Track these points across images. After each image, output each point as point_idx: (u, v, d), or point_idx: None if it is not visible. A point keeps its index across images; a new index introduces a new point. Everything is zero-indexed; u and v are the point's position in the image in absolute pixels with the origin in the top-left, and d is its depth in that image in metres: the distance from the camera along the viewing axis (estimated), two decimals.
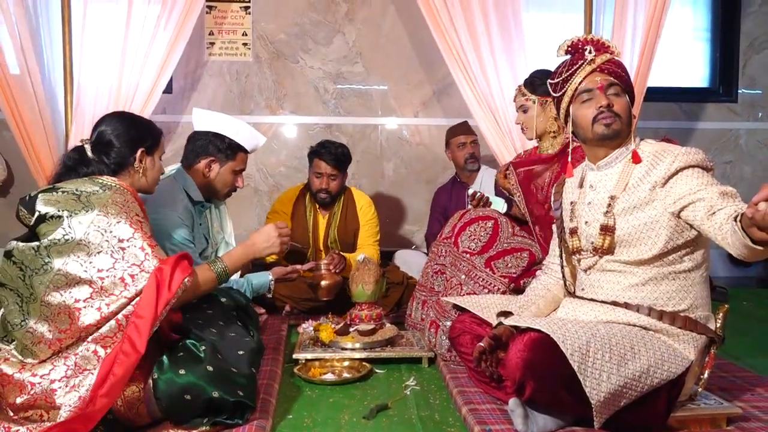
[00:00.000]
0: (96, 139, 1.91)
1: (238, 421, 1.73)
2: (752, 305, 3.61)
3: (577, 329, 1.62)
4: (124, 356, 1.58)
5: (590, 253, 1.83)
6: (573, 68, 1.82)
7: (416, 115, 4.37)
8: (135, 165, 1.91)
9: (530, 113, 2.54)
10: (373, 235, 3.44)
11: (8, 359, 1.63)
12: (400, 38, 4.31)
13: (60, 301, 1.63)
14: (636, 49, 3.61)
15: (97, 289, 1.64)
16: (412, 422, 1.89)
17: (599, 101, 1.77)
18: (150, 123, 2.04)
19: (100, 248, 1.66)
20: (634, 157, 1.78)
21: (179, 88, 4.20)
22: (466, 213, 2.68)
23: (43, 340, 1.62)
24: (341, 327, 2.50)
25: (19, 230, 1.81)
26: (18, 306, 1.66)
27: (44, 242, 1.66)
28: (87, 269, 1.64)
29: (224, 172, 2.53)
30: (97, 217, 1.69)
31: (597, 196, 1.84)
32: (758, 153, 4.57)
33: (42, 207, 1.69)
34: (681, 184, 1.68)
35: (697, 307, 1.75)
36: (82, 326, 1.61)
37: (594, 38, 1.85)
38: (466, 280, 2.42)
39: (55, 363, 1.61)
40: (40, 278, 1.64)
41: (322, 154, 3.26)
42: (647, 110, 4.16)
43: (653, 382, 1.64)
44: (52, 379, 1.60)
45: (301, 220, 3.36)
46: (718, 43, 4.57)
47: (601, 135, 1.79)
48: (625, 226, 1.75)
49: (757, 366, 2.40)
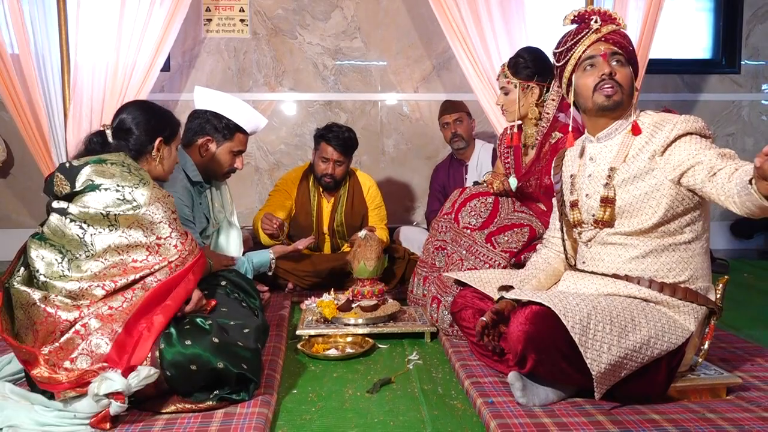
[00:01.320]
0: (117, 126, 1.98)
1: (244, 396, 1.75)
2: (753, 277, 3.62)
3: (578, 302, 1.63)
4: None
5: (591, 226, 1.83)
6: (578, 37, 1.80)
7: (416, 90, 4.34)
8: (153, 153, 1.99)
9: (511, 96, 2.50)
10: (383, 218, 3.44)
11: (59, 305, 1.67)
12: (399, 13, 4.26)
13: (118, 259, 1.72)
14: (638, 20, 3.56)
15: (154, 252, 1.76)
16: (416, 396, 1.92)
17: (602, 69, 1.76)
18: (169, 114, 2.10)
19: (161, 219, 1.77)
20: (634, 129, 1.77)
21: (177, 66, 4.17)
22: (465, 189, 2.67)
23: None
24: (344, 303, 2.51)
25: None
26: (58, 261, 1.70)
27: (112, 210, 1.73)
28: (148, 236, 1.75)
29: (221, 152, 2.51)
30: (153, 189, 1.79)
31: (597, 168, 1.83)
32: (761, 124, 4.54)
33: (96, 177, 1.75)
34: (679, 150, 1.68)
35: (697, 278, 1.76)
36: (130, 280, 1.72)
37: (601, 9, 1.84)
38: (467, 256, 2.43)
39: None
40: (103, 238, 1.72)
41: (329, 139, 3.19)
42: (649, 82, 4.13)
43: (653, 353, 1.65)
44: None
45: (305, 204, 3.32)
46: (721, 14, 4.50)
47: (600, 105, 1.78)
48: (625, 196, 1.75)
49: (757, 337, 2.41)
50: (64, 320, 1.65)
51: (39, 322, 1.66)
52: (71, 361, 1.63)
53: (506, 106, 2.52)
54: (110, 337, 1.65)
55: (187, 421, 1.66)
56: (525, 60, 2.47)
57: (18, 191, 4.15)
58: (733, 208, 1.56)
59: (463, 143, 3.70)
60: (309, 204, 3.32)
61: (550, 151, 2.43)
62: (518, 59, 2.49)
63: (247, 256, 2.67)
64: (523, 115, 2.50)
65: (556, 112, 2.46)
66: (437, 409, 1.82)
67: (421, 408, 1.82)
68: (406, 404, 1.85)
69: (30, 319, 1.66)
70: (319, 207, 3.33)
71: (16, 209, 4.15)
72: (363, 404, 1.85)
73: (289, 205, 3.33)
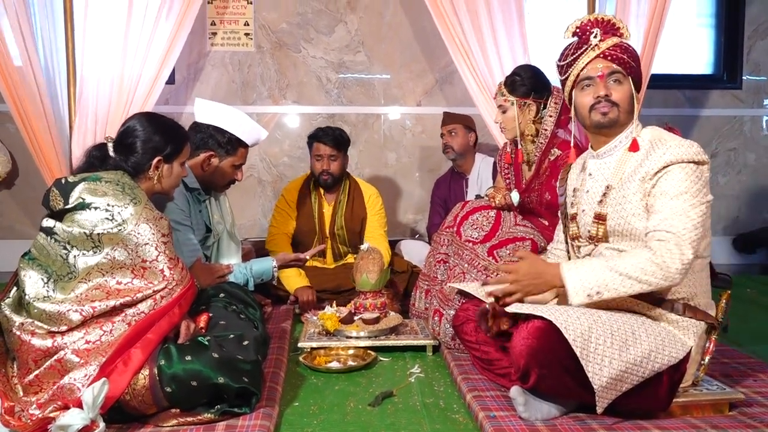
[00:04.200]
0: (118, 140, 1.94)
1: (246, 409, 1.75)
2: (755, 292, 3.61)
3: (578, 315, 1.64)
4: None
5: (586, 241, 1.84)
6: (577, 53, 1.80)
7: (419, 104, 4.36)
8: (150, 172, 1.93)
9: (509, 114, 2.51)
10: (382, 226, 3.45)
11: (34, 332, 1.64)
12: (402, 27, 4.29)
13: (102, 280, 1.69)
14: (640, 36, 3.59)
15: (139, 275, 1.71)
16: (417, 409, 1.91)
17: (597, 90, 1.77)
18: (175, 129, 2.02)
19: (148, 240, 1.72)
20: (633, 146, 1.77)
21: (182, 79, 4.20)
22: (468, 202, 2.68)
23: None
24: (346, 316, 2.51)
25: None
26: (43, 282, 1.68)
27: (97, 229, 1.70)
28: (133, 258, 1.71)
29: (224, 167, 2.52)
30: (144, 209, 1.75)
31: (594, 185, 1.84)
32: (763, 140, 4.55)
33: (87, 196, 1.73)
34: (663, 183, 1.69)
35: (696, 294, 1.76)
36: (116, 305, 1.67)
37: (603, 19, 1.82)
38: (468, 269, 2.43)
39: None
40: (86, 259, 1.69)
41: (320, 137, 3.29)
42: (651, 97, 4.15)
43: (654, 367, 1.65)
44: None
45: (306, 208, 3.38)
46: (723, 29, 4.53)
47: (596, 123, 1.79)
48: (614, 216, 1.76)
49: (760, 352, 2.40)
50: (37, 348, 1.62)
51: (16, 349, 1.65)
52: (40, 407, 1.57)
53: (504, 124, 2.54)
54: (84, 382, 1.59)
55: None
56: (521, 78, 2.49)
57: (22, 202, 4.16)
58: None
59: (453, 155, 3.70)
60: (310, 207, 3.38)
61: (550, 167, 2.44)
62: (515, 77, 2.51)
63: (247, 264, 2.63)
64: (521, 132, 2.51)
65: (555, 128, 2.48)
66: (439, 422, 1.82)
67: (422, 421, 1.82)
68: (408, 417, 1.85)
69: (12, 344, 1.66)
70: (320, 210, 3.37)
71: (20, 220, 4.16)
72: (365, 417, 1.85)
73: (294, 217, 3.38)
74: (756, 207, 4.54)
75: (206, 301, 2.07)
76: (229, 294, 2.17)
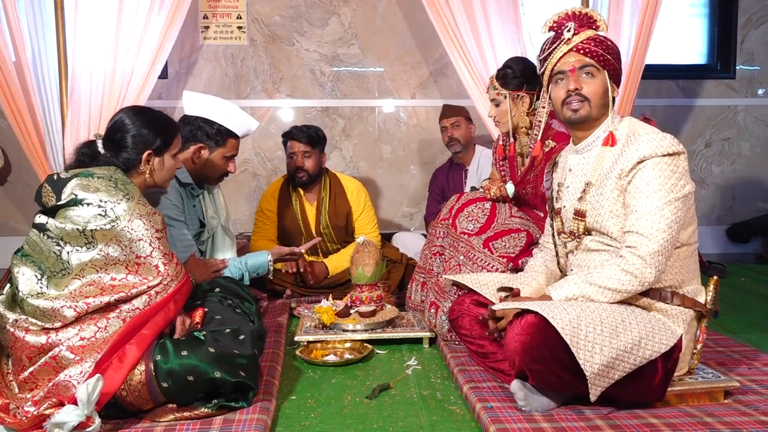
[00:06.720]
0: (107, 136, 1.92)
1: (243, 404, 1.75)
2: (750, 281, 3.63)
3: (566, 306, 1.66)
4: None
5: (569, 237, 1.85)
6: (551, 47, 1.81)
7: (413, 96, 4.35)
8: (141, 167, 1.91)
9: (502, 107, 2.50)
10: (371, 221, 3.43)
11: (28, 328, 1.63)
12: (396, 19, 4.28)
13: (96, 276, 1.68)
14: (634, 26, 3.58)
15: (133, 271, 1.71)
16: (414, 401, 1.92)
17: (568, 84, 1.78)
18: (165, 122, 2.00)
19: (141, 236, 1.72)
20: (608, 140, 1.77)
21: (174, 73, 4.18)
22: (463, 194, 2.68)
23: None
24: (342, 309, 2.52)
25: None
26: (37, 278, 1.67)
27: (90, 226, 1.69)
28: (127, 254, 1.70)
29: (214, 158, 2.50)
30: (137, 205, 1.74)
31: (574, 181, 1.85)
32: (756, 129, 4.56)
33: (79, 192, 1.72)
34: (637, 180, 1.69)
35: (684, 282, 1.77)
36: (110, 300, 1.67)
37: (578, 12, 1.81)
38: (464, 261, 2.43)
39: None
40: (80, 255, 1.68)
41: (293, 135, 3.27)
42: (645, 87, 4.14)
43: (645, 354, 1.66)
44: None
45: (289, 211, 3.33)
46: (716, 19, 4.53)
47: (568, 119, 1.81)
48: (592, 213, 1.77)
49: (755, 341, 2.42)
50: (31, 345, 1.61)
51: (10, 346, 1.65)
52: (35, 404, 1.57)
53: (498, 118, 2.53)
54: (79, 379, 1.59)
55: (186, 427, 1.66)
56: (513, 70, 2.47)
57: (15, 199, 4.14)
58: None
59: (459, 147, 3.71)
60: (292, 209, 3.33)
61: (544, 159, 2.44)
62: (506, 70, 2.49)
63: (242, 258, 2.61)
64: (515, 125, 2.51)
65: (549, 119, 2.47)
66: (436, 414, 1.82)
67: (420, 413, 1.82)
68: (405, 410, 1.85)
69: (6, 341, 1.66)
70: (303, 211, 3.34)
71: (13, 216, 4.14)
72: (362, 410, 1.85)
73: (274, 222, 3.36)
74: (750, 196, 4.56)
75: (201, 296, 2.06)
76: (224, 289, 2.16)
